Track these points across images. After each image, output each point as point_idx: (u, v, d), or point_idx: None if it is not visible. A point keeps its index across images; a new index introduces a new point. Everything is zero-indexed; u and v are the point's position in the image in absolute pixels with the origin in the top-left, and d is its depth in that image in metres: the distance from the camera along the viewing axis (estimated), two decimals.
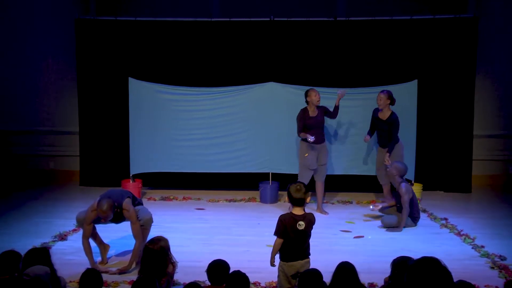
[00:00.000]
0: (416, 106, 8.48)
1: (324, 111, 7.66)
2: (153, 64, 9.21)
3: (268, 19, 9.01)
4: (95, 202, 5.40)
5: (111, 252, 5.93)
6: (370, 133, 7.84)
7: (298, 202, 4.51)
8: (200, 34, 9.14)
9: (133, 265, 5.42)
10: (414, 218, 7.07)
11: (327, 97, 8.53)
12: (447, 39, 8.93)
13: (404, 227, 6.93)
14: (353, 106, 8.49)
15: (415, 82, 8.50)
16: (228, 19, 9.08)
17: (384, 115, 7.60)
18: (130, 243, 5.83)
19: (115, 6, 9.94)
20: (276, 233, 4.50)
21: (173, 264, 4.62)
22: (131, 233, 5.65)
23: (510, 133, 9.75)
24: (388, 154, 7.48)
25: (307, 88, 8.57)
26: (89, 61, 9.28)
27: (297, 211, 4.53)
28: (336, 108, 7.64)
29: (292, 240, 4.46)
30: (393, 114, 7.56)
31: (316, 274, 3.91)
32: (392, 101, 7.59)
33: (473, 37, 8.89)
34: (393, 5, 9.60)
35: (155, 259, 4.43)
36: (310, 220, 4.54)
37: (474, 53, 8.95)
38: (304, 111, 7.62)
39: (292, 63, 9.10)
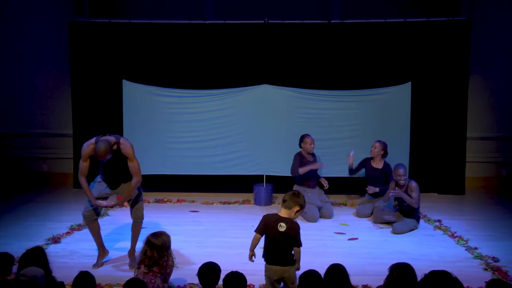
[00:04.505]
0: (409, 108, 8.52)
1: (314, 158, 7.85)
2: (147, 66, 9.20)
3: (262, 21, 9.02)
4: (93, 139, 5.35)
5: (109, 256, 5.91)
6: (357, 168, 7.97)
7: (287, 205, 4.54)
8: (194, 36, 9.13)
9: (125, 202, 5.55)
10: (418, 217, 7.10)
11: (322, 99, 8.58)
12: (440, 41, 8.97)
13: (411, 230, 6.93)
14: (347, 109, 8.54)
15: (409, 84, 8.54)
16: (223, 22, 9.08)
17: (378, 164, 7.80)
18: (126, 247, 5.84)
19: (109, 8, 9.92)
20: (255, 230, 4.58)
21: (172, 261, 4.62)
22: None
23: (503, 135, 9.79)
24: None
25: (301, 90, 8.63)
26: (83, 64, 9.26)
27: (283, 213, 4.55)
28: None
29: (274, 241, 4.48)
30: (386, 163, 7.78)
31: (316, 275, 3.94)
32: (385, 153, 7.81)
33: (466, 39, 8.93)
34: (387, 7, 9.64)
35: (155, 252, 4.44)
36: (292, 224, 4.52)
37: (468, 56, 8.99)
38: (301, 156, 7.71)
39: (286, 65, 9.11)
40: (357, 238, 6.73)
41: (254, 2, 9.81)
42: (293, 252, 4.55)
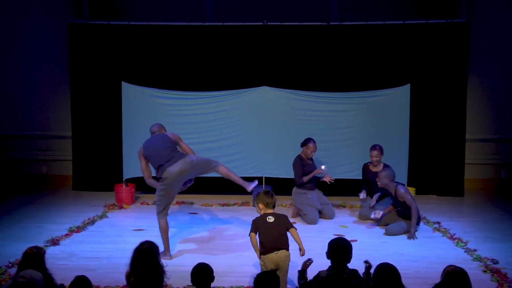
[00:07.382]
0: (409, 110, 8.52)
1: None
2: (146, 68, 9.20)
3: (261, 23, 9.03)
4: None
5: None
6: (365, 188, 7.81)
7: (271, 206, 5.03)
8: (193, 38, 9.14)
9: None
10: (418, 220, 6.97)
11: (322, 101, 8.58)
12: (439, 43, 8.98)
13: (405, 233, 6.85)
14: (346, 111, 8.54)
15: (408, 86, 8.54)
16: (221, 24, 9.09)
17: (378, 167, 7.63)
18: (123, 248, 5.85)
19: (108, 10, 9.93)
20: (250, 232, 4.94)
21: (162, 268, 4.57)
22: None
23: (502, 137, 9.79)
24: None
25: (300, 92, 8.63)
26: (82, 66, 9.26)
27: (269, 211, 5.01)
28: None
29: (264, 232, 4.84)
30: (384, 165, 7.60)
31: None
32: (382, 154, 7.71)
33: (465, 41, 8.94)
34: (386, 9, 9.65)
35: (146, 261, 4.39)
36: (279, 215, 4.97)
37: (466, 58, 9.00)
38: (301, 159, 7.65)
39: (286, 67, 9.11)
40: (356, 240, 6.72)
41: (253, 4, 9.82)
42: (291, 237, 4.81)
